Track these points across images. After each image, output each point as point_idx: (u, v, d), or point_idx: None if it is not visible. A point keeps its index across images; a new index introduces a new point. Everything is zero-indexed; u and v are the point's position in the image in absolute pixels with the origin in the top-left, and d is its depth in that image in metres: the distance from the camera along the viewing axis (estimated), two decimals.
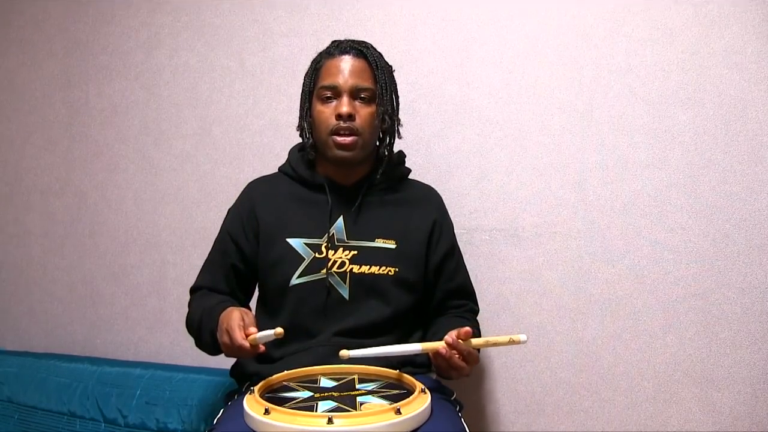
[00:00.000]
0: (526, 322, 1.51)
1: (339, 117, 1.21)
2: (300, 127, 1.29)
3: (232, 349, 1.05)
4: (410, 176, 1.38)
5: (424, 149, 1.56)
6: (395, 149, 1.34)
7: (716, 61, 1.38)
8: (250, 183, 1.36)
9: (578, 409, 1.48)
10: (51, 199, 1.96)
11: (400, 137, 1.31)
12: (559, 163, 1.48)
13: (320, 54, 1.28)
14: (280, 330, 1.01)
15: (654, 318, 1.43)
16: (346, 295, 1.21)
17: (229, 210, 1.35)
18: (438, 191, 1.39)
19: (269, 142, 1.69)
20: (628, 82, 1.43)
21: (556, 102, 1.48)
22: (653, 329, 1.43)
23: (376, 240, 1.24)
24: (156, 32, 1.82)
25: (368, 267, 1.22)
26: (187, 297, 1.76)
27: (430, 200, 1.35)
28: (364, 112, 1.23)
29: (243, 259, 1.28)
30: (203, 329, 1.19)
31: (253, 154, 1.72)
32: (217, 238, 1.34)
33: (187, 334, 1.27)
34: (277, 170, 1.36)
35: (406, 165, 1.38)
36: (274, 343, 1.21)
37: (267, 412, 0.91)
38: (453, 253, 1.33)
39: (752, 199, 1.37)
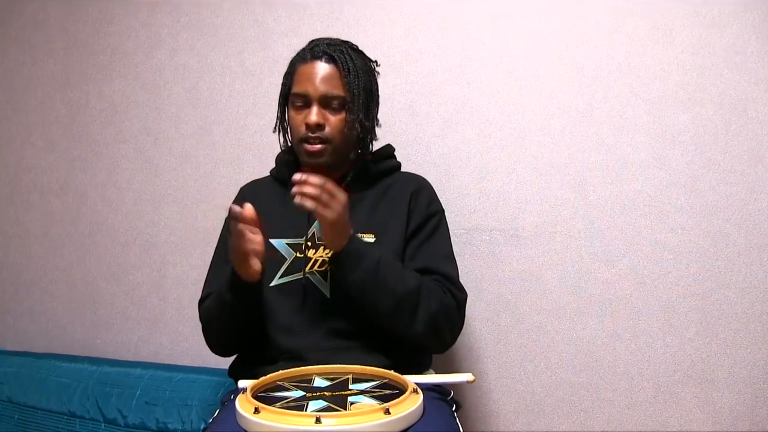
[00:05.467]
0: (526, 322, 1.51)
1: (308, 127, 1.21)
2: (276, 129, 1.30)
3: (237, 235, 1.07)
4: (404, 170, 1.37)
5: (424, 149, 1.56)
6: (384, 142, 1.34)
7: (716, 61, 1.38)
8: (241, 187, 1.39)
9: (578, 409, 1.48)
10: (51, 199, 1.96)
11: (376, 139, 1.31)
12: (559, 163, 1.48)
13: (296, 55, 1.27)
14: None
15: (654, 318, 1.43)
16: (327, 293, 1.20)
17: (225, 219, 1.35)
18: (431, 184, 1.35)
19: (269, 142, 1.68)
20: (628, 82, 1.43)
21: (556, 102, 1.48)
22: (653, 329, 1.43)
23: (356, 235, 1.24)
24: (156, 32, 1.82)
25: None
26: (188, 297, 1.78)
27: (410, 187, 1.30)
28: (334, 120, 1.21)
29: None
30: (220, 295, 1.18)
31: (253, 154, 1.72)
32: (218, 245, 1.34)
33: (187, 334, 1.26)
34: (269, 173, 1.38)
35: (405, 164, 1.37)
36: (264, 345, 1.21)
37: (257, 411, 0.92)
38: (426, 227, 1.26)
39: (752, 199, 1.37)
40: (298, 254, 1.23)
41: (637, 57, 1.43)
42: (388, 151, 1.35)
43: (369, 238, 1.23)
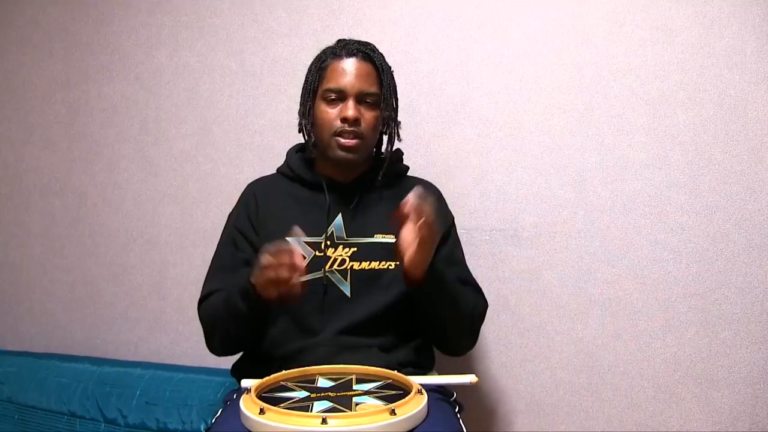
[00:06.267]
0: (526, 322, 1.51)
1: (344, 120, 1.21)
2: (301, 125, 1.29)
3: (280, 270, 1.03)
4: (410, 174, 1.38)
5: (424, 149, 1.56)
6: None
7: (716, 61, 1.38)
8: (249, 184, 1.36)
9: (578, 409, 1.48)
10: (51, 199, 1.96)
11: (400, 140, 1.31)
12: (559, 163, 1.48)
13: (325, 53, 1.27)
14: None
15: (654, 318, 1.43)
16: (348, 292, 1.21)
17: (229, 215, 1.34)
18: (437, 188, 1.38)
19: (269, 142, 1.69)
20: (628, 82, 1.43)
21: (556, 102, 1.48)
22: (653, 329, 1.43)
23: (375, 236, 1.24)
24: (156, 32, 1.82)
25: (368, 263, 1.22)
26: (188, 297, 1.77)
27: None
28: (368, 116, 1.23)
29: (256, 253, 1.24)
30: (230, 300, 1.15)
31: (253, 154, 1.72)
32: (221, 241, 1.32)
33: (187, 334, 1.25)
34: (275, 171, 1.36)
35: (406, 164, 1.38)
36: (275, 343, 1.22)
37: (262, 411, 0.92)
38: (446, 241, 1.30)
39: (752, 199, 1.37)
40: (317, 253, 1.22)
41: (637, 57, 1.43)
42: (399, 154, 1.36)
43: (390, 239, 1.23)
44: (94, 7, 1.89)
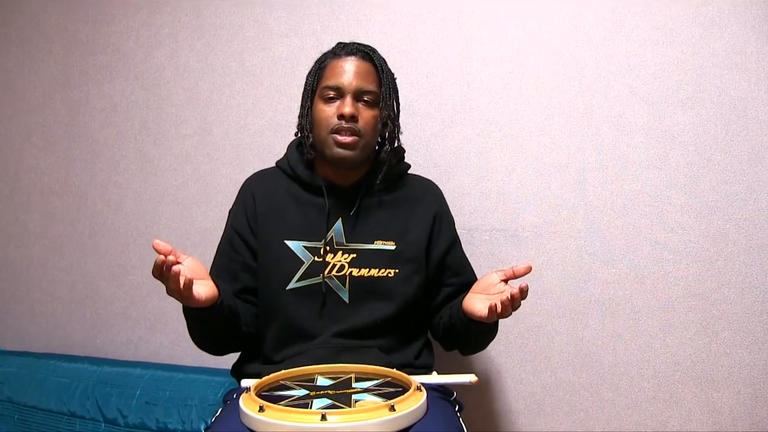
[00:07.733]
0: (526, 322, 1.51)
1: (341, 117, 1.19)
2: (300, 126, 1.28)
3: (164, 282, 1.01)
4: (410, 173, 1.37)
5: (424, 149, 1.56)
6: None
7: (716, 61, 1.38)
8: (248, 179, 1.34)
9: (578, 409, 1.48)
10: (51, 199, 1.96)
11: (399, 143, 1.31)
12: (559, 163, 1.48)
13: (325, 54, 1.27)
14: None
15: (654, 318, 1.43)
16: (346, 298, 1.20)
17: (229, 211, 1.33)
18: (438, 188, 1.37)
19: (269, 142, 1.69)
20: (628, 82, 1.43)
21: (556, 102, 1.48)
22: (653, 329, 1.43)
23: (375, 242, 1.23)
24: (156, 32, 1.82)
25: (368, 270, 1.21)
26: None
27: (429, 195, 1.33)
28: (366, 115, 1.21)
29: (254, 255, 1.26)
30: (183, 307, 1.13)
31: (253, 154, 1.72)
32: (221, 241, 1.31)
33: (187, 334, 1.24)
34: (274, 165, 1.34)
35: (407, 162, 1.37)
36: (274, 346, 1.22)
37: (261, 409, 0.92)
38: (455, 246, 1.32)
39: (752, 199, 1.37)
40: (316, 258, 1.21)
41: (637, 57, 1.43)
42: (400, 153, 1.34)
43: (390, 246, 1.23)
44: (94, 7, 1.89)
